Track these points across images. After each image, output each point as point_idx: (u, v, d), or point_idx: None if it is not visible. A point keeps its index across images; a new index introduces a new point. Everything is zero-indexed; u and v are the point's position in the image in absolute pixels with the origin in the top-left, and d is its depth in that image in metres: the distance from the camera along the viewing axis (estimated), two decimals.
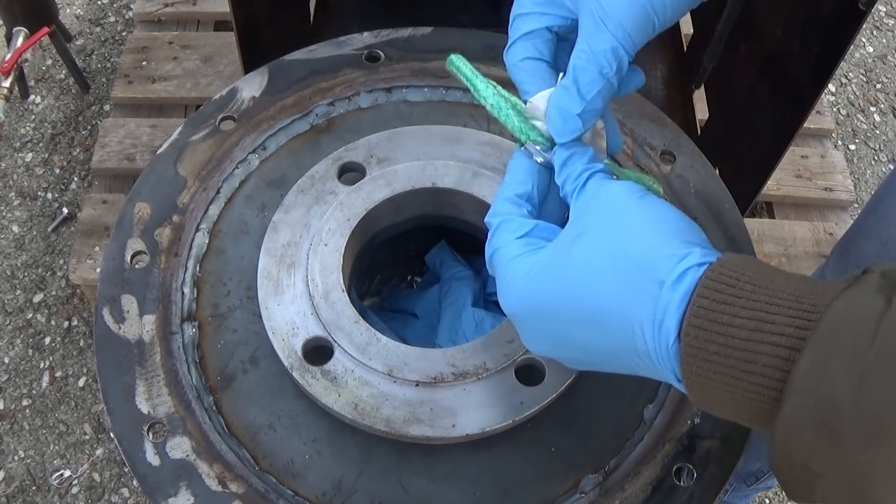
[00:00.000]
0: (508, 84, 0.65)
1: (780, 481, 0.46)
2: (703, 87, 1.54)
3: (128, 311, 0.77)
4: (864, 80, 2.21)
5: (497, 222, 0.60)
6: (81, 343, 1.73)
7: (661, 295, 0.48)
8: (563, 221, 0.59)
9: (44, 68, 2.08)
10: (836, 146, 2.03)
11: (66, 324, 1.74)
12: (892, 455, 0.39)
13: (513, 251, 0.58)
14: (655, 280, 0.48)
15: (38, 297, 1.77)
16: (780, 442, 0.43)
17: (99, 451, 1.62)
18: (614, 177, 0.60)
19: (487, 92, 0.64)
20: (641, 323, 0.49)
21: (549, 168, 0.63)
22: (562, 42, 0.65)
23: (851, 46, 1.15)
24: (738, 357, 0.45)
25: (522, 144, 0.63)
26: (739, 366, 0.45)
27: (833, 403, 0.40)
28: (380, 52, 0.94)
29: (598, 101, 0.59)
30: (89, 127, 1.97)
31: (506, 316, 0.74)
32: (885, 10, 2.33)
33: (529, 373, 0.71)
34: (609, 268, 0.51)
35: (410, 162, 0.82)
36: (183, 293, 0.79)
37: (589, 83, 0.58)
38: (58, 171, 1.92)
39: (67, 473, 1.59)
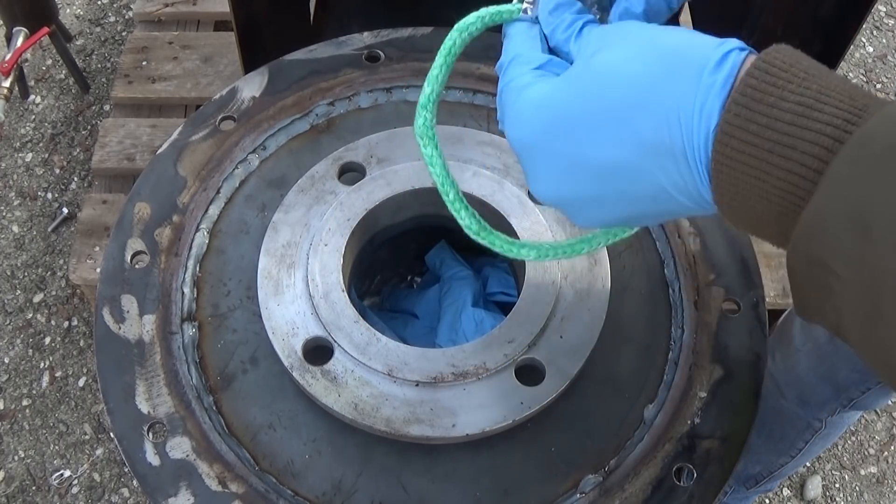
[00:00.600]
0: None
1: (792, 286, 0.45)
2: None
3: (128, 311, 0.77)
4: (864, 80, 2.21)
5: (509, 58, 0.56)
6: (81, 343, 1.72)
7: (702, 77, 0.44)
8: None
9: (44, 68, 2.08)
10: None
11: (66, 324, 1.74)
12: None
13: (527, 80, 0.53)
14: (695, 64, 0.45)
15: (38, 297, 1.77)
16: (804, 234, 0.41)
17: (99, 451, 1.62)
18: None
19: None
20: (679, 109, 0.45)
21: None
22: None
23: (851, 46, 1.15)
24: (779, 140, 0.42)
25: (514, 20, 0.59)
26: (778, 150, 0.42)
27: (870, 200, 0.38)
28: (380, 52, 0.94)
29: None
30: (89, 127, 1.97)
31: (505, 316, 0.74)
32: (885, 10, 2.33)
33: (529, 373, 0.71)
34: (640, 60, 0.47)
35: (410, 162, 0.82)
36: (183, 293, 0.79)
37: None
38: (58, 171, 1.92)
39: (67, 473, 1.59)
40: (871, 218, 0.38)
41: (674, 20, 1.50)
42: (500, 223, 0.81)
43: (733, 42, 0.46)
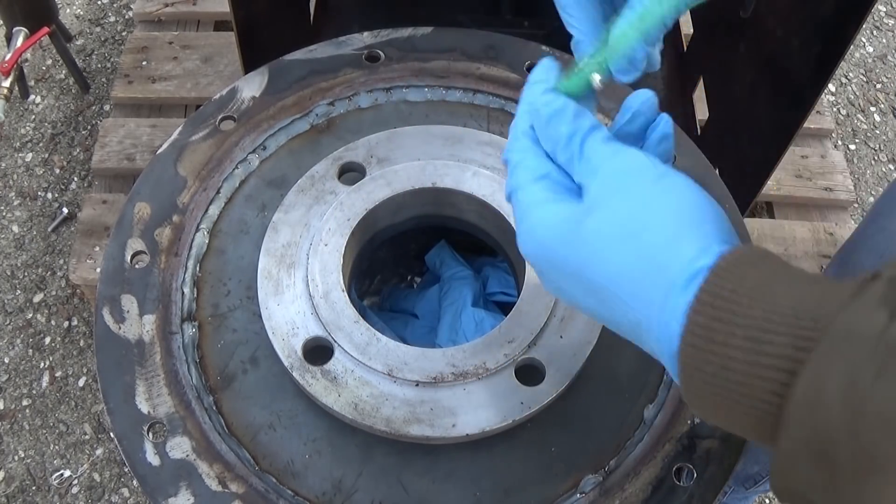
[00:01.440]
0: None
1: (780, 500, 0.45)
2: (703, 87, 1.54)
3: (128, 311, 0.77)
4: (864, 80, 2.21)
5: (515, 160, 0.56)
6: (81, 343, 1.72)
7: (668, 298, 0.45)
8: None
9: (44, 68, 2.08)
10: (836, 146, 2.03)
11: (66, 324, 1.74)
12: (886, 486, 0.37)
13: (532, 195, 0.54)
14: (667, 281, 0.46)
15: (38, 297, 1.77)
16: (779, 472, 0.42)
17: (99, 451, 1.62)
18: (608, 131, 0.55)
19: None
20: (649, 320, 0.47)
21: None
22: None
23: (851, 46, 1.15)
24: (736, 380, 0.42)
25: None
26: (737, 389, 0.42)
27: (829, 434, 0.38)
28: (380, 52, 0.94)
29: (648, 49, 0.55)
30: (89, 127, 1.97)
31: (505, 316, 0.74)
32: (885, 10, 2.33)
33: (529, 373, 0.71)
34: (622, 254, 0.48)
35: (410, 162, 0.82)
36: (183, 293, 0.79)
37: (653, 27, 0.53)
38: (58, 171, 1.92)
39: (67, 473, 1.59)
40: (833, 452, 0.38)
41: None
42: (500, 223, 0.81)
43: (710, 253, 0.45)
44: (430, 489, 0.71)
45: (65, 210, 1.86)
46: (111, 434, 1.58)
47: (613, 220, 0.50)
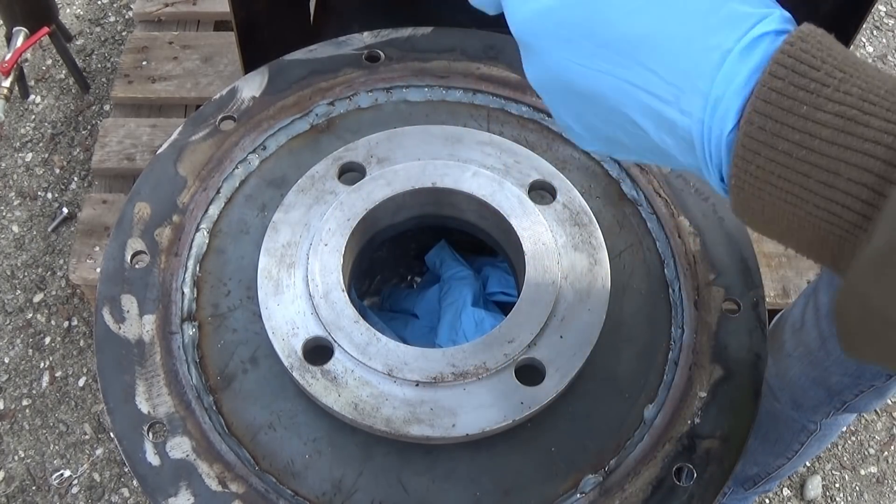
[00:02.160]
0: None
1: (838, 326, 0.38)
2: None
3: (128, 311, 0.77)
4: None
5: None
6: (81, 343, 1.72)
7: (723, 65, 0.37)
8: None
9: (44, 68, 2.08)
10: None
11: (66, 324, 1.74)
12: None
13: None
14: (718, 45, 0.37)
15: (38, 297, 1.77)
16: (859, 281, 0.34)
17: (99, 451, 1.62)
18: None
19: None
20: (692, 91, 0.38)
21: None
22: None
23: (851, 46, 1.15)
24: (817, 162, 0.34)
25: None
26: (816, 175, 0.35)
27: None
28: (380, 52, 0.94)
29: None
30: (89, 127, 1.97)
31: (505, 316, 0.74)
32: (885, 9, 2.33)
33: (529, 373, 0.71)
34: (655, 12, 0.39)
35: (410, 162, 0.82)
36: (183, 293, 0.79)
37: None
38: (58, 171, 1.92)
39: (67, 473, 1.59)
40: None
41: None
42: (500, 223, 0.81)
43: (773, 18, 0.37)
44: (430, 489, 0.71)
45: (65, 210, 1.86)
46: (111, 434, 1.58)
47: None
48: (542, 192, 0.81)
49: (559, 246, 0.77)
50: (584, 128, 0.47)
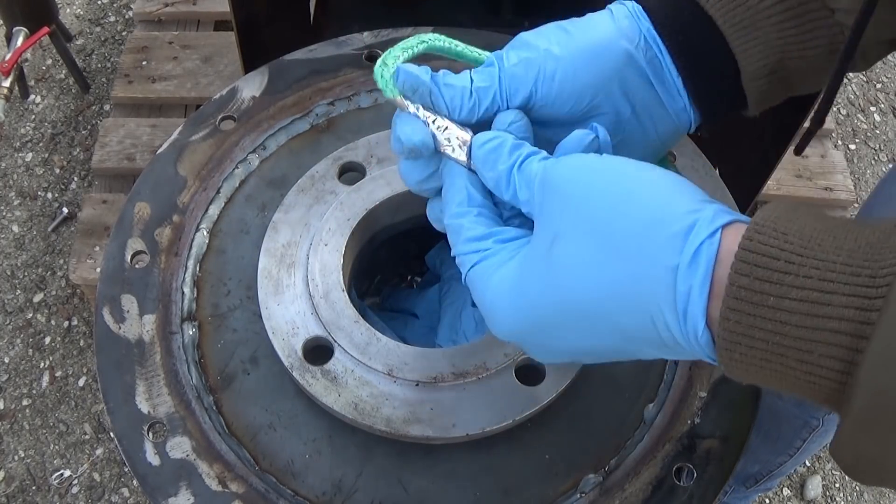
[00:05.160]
0: None
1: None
2: None
3: (128, 311, 0.77)
4: (864, 79, 2.21)
5: (457, 221, 0.54)
6: (81, 343, 1.72)
7: (676, 283, 0.42)
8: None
9: (44, 68, 2.08)
10: (836, 146, 2.03)
11: (66, 324, 1.74)
12: None
13: (487, 263, 0.52)
14: (664, 266, 0.42)
15: (38, 297, 1.77)
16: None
17: (99, 451, 1.62)
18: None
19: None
20: (662, 314, 0.43)
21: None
22: None
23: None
24: (791, 345, 0.39)
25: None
26: (792, 354, 0.39)
27: None
28: (380, 52, 0.94)
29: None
30: (89, 127, 1.97)
31: None
32: None
33: (529, 373, 0.71)
34: (603, 265, 0.45)
35: None
36: (183, 293, 0.79)
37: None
38: (58, 170, 1.92)
39: (67, 473, 1.59)
40: None
41: None
42: None
43: (702, 224, 0.42)
44: (429, 489, 0.71)
45: (65, 210, 1.86)
46: (111, 434, 1.58)
47: (578, 236, 0.46)
48: None
49: None
50: (554, 356, 0.54)
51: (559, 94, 0.55)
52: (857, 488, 1.64)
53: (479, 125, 0.56)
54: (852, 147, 2.10)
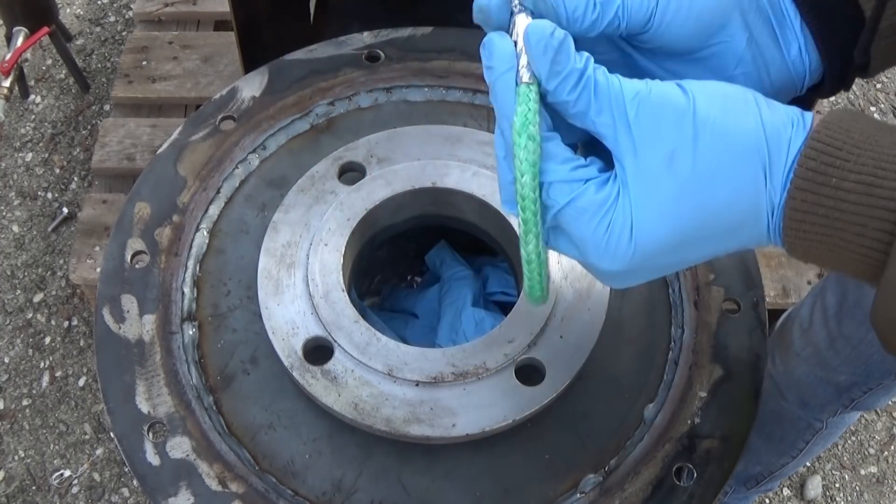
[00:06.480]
0: None
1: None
2: None
3: (128, 311, 0.77)
4: (864, 79, 2.21)
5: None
6: (81, 343, 1.72)
7: (774, 161, 0.47)
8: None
9: (44, 68, 2.08)
10: None
11: (66, 324, 1.74)
12: None
13: (588, 201, 0.49)
14: (779, 168, 0.48)
15: (38, 297, 1.77)
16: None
17: (99, 451, 1.62)
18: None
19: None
20: (756, 194, 0.48)
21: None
22: None
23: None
24: (848, 220, 0.46)
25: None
26: (849, 229, 0.46)
27: None
28: (380, 52, 0.94)
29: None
30: (89, 127, 1.97)
31: (505, 316, 0.74)
32: None
33: (529, 373, 0.71)
34: (735, 171, 0.48)
35: (410, 162, 0.82)
36: (183, 293, 0.79)
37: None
38: (58, 170, 1.92)
39: (67, 473, 1.59)
40: None
41: None
42: (500, 223, 0.81)
43: (803, 125, 0.48)
44: (430, 489, 0.71)
45: (65, 210, 1.86)
46: (111, 434, 1.58)
47: (697, 152, 0.47)
48: None
49: None
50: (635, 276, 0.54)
51: (680, 10, 0.53)
52: (857, 488, 1.64)
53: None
54: None
